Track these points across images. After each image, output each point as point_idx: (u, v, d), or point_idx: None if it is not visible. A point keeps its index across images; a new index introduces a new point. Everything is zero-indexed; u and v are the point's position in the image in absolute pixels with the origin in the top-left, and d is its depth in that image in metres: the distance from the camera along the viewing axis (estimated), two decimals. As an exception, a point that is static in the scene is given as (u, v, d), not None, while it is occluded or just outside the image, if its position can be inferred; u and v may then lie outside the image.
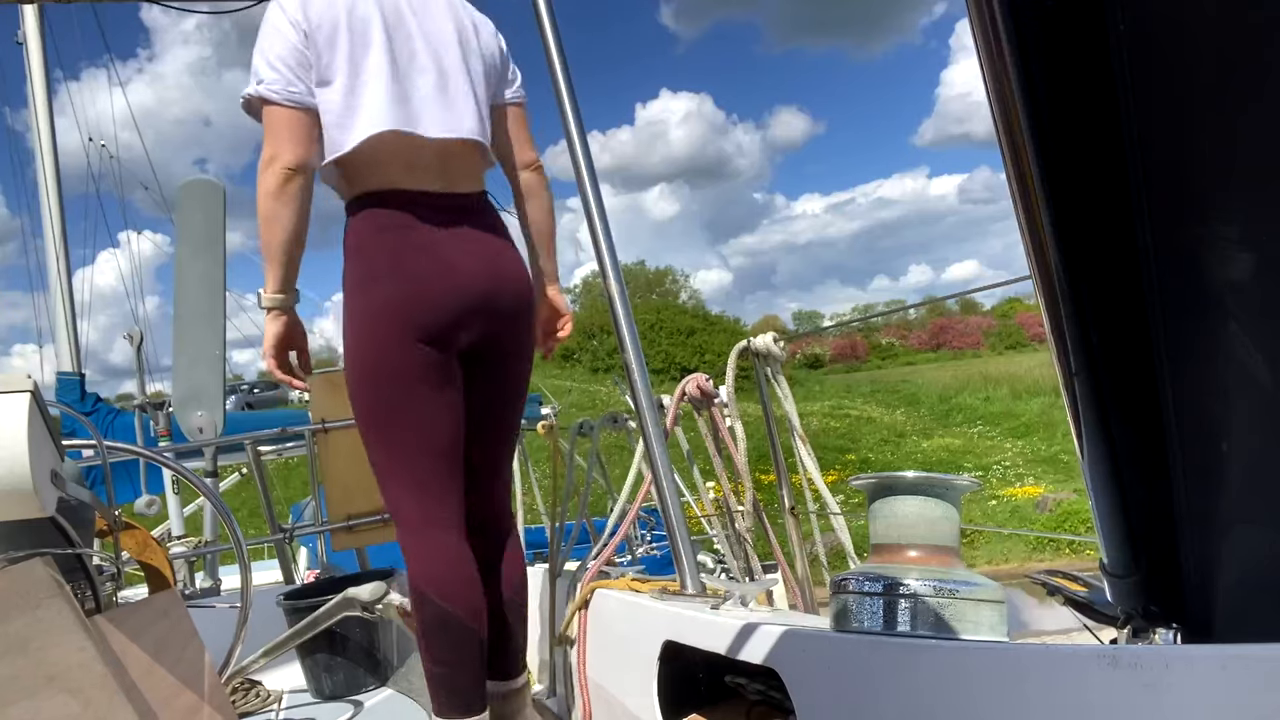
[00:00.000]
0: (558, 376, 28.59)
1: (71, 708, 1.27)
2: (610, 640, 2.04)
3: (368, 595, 2.40)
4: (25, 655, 1.27)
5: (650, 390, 1.99)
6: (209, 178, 4.76)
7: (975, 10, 0.67)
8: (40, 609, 1.30)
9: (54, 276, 6.61)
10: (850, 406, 26.76)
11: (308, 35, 1.67)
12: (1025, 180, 0.71)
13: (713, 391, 2.32)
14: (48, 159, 6.66)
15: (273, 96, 1.65)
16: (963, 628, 1.04)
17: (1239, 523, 0.69)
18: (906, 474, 1.13)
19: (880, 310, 47.83)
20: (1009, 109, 0.69)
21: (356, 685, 2.77)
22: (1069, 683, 0.70)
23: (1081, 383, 0.75)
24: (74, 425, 5.38)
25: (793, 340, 28.06)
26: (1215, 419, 0.68)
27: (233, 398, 24.65)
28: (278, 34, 1.67)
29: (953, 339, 38.55)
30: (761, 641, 1.31)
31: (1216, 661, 0.59)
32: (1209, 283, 0.65)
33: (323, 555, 5.27)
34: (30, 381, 1.36)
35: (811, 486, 2.28)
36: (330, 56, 1.68)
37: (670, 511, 1.95)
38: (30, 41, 6.90)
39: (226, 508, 2.58)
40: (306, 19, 1.67)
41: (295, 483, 14.27)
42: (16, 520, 1.44)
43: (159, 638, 1.64)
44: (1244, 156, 0.62)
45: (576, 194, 2.00)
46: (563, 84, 2.00)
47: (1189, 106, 0.63)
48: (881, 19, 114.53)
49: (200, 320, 4.58)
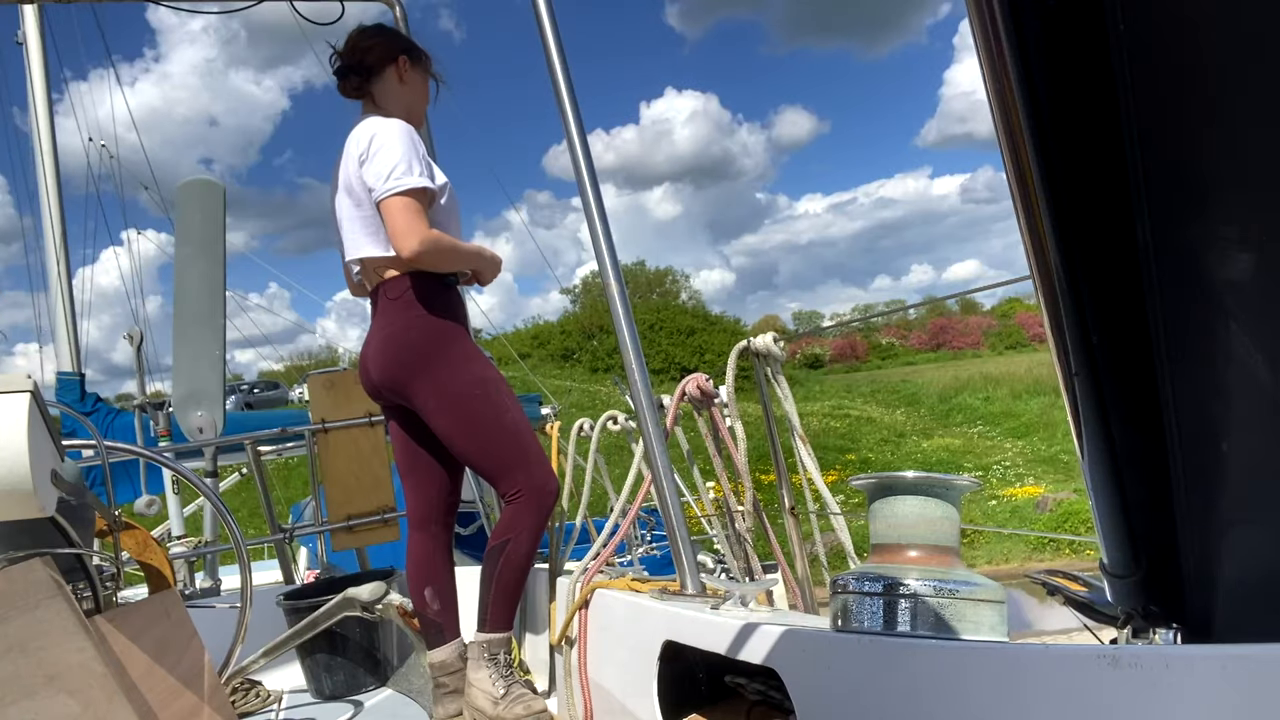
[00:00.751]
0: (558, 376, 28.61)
1: (71, 708, 1.27)
2: (610, 640, 2.04)
3: (368, 595, 2.40)
4: (25, 655, 1.27)
5: (650, 390, 1.99)
6: (208, 177, 4.75)
7: (975, 10, 0.67)
8: (40, 609, 1.30)
9: (53, 276, 6.61)
10: (850, 406, 26.77)
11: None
12: (1025, 180, 0.71)
13: (712, 391, 2.32)
14: (48, 159, 6.66)
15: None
16: (963, 628, 1.04)
17: (1239, 523, 0.69)
18: (906, 474, 1.13)
19: (880, 310, 47.87)
20: (1009, 109, 0.69)
21: (356, 685, 2.77)
22: (1069, 683, 0.70)
23: (1081, 383, 0.75)
24: (74, 425, 5.38)
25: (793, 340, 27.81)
26: (1215, 419, 0.68)
27: (233, 398, 24.65)
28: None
29: (953, 339, 38.56)
30: (761, 641, 1.31)
31: (1216, 661, 0.59)
32: (1209, 283, 0.65)
33: (323, 555, 5.28)
34: (30, 381, 1.36)
35: (811, 486, 2.28)
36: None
37: (670, 511, 1.95)
38: (30, 41, 6.90)
39: (226, 508, 2.58)
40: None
41: (295, 483, 14.28)
42: (16, 520, 1.44)
43: (159, 638, 1.64)
44: (1244, 156, 0.62)
45: (577, 194, 2.00)
46: (563, 84, 2.00)
47: (1189, 106, 0.63)
48: (888, 19, 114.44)
49: (200, 320, 4.58)
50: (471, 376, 2.23)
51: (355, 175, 2.24)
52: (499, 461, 2.20)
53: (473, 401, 2.21)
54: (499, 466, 2.20)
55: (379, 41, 2.41)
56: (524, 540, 2.16)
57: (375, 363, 2.29)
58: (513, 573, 2.17)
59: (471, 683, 2.17)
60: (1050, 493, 17.30)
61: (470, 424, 2.21)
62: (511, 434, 2.21)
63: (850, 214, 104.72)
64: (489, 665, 2.15)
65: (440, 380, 2.22)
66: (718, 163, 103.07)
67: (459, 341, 2.27)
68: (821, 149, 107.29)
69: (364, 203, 2.25)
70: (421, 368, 2.22)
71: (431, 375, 2.22)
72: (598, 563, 2.33)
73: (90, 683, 1.29)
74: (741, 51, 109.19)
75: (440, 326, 2.24)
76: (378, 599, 2.41)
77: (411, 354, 2.23)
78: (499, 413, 2.22)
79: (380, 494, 3.44)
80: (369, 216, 2.25)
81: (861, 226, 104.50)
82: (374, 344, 2.30)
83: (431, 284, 2.25)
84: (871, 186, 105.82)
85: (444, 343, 2.24)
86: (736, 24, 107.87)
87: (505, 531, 2.17)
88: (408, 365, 2.23)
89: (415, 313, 2.24)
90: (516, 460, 2.19)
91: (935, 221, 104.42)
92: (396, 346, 2.24)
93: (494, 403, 2.22)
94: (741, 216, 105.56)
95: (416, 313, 2.23)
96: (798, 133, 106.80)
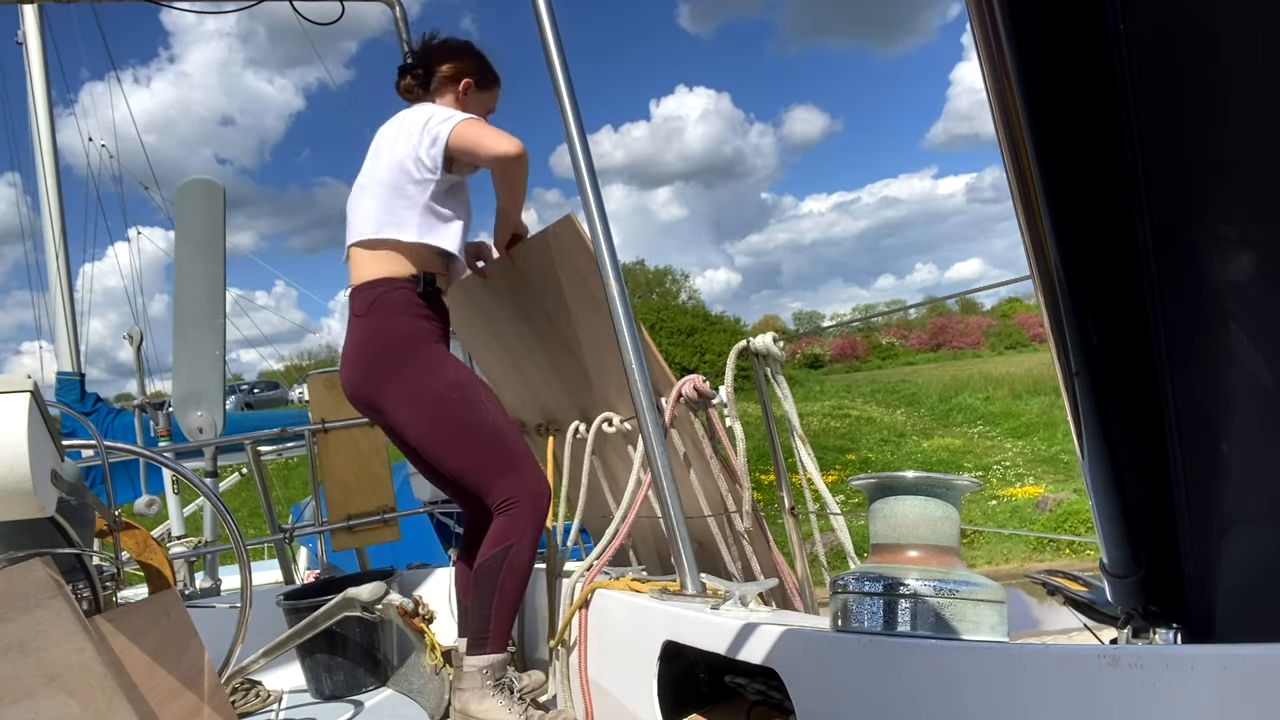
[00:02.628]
0: (558, 376, 28.48)
1: (71, 708, 1.26)
2: (610, 640, 2.04)
3: (368, 595, 2.40)
4: (25, 655, 1.27)
5: (650, 390, 1.99)
6: (208, 177, 4.75)
7: (975, 10, 0.67)
8: (40, 609, 1.30)
9: (54, 276, 6.61)
10: (850, 406, 26.74)
11: None
12: (1025, 180, 0.71)
13: (709, 392, 2.32)
14: (48, 159, 6.66)
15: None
16: (963, 628, 1.04)
17: (1239, 523, 0.69)
18: (906, 474, 1.13)
19: (880, 310, 47.86)
20: (1009, 109, 0.69)
21: (356, 685, 2.77)
22: (1069, 683, 0.70)
23: (1081, 383, 0.75)
24: (74, 425, 5.38)
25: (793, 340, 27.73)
26: (1215, 419, 0.68)
27: (233, 398, 24.64)
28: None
29: (953, 339, 38.53)
30: (761, 641, 1.31)
31: (1216, 661, 0.59)
32: (1209, 282, 0.65)
33: (323, 555, 5.27)
34: (30, 381, 1.36)
35: (811, 486, 2.28)
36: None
37: (670, 512, 1.94)
38: (30, 41, 6.90)
39: (226, 508, 2.58)
40: None
41: (295, 483, 14.27)
42: (16, 520, 1.44)
43: (159, 638, 1.64)
44: (1244, 156, 0.62)
45: (577, 194, 2.00)
46: (563, 84, 2.00)
47: (1189, 106, 0.63)
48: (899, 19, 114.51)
49: (200, 320, 4.58)
50: (441, 382, 2.13)
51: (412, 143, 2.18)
52: (485, 469, 2.10)
53: (448, 407, 2.11)
54: (486, 474, 2.10)
55: (453, 60, 2.39)
56: (525, 547, 2.07)
57: (346, 376, 2.24)
58: (517, 583, 2.07)
59: (475, 715, 2.02)
60: (1050, 493, 17.27)
61: (447, 432, 2.12)
62: (494, 438, 2.12)
63: (855, 213, 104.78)
64: (496, 693, 2.03)
65: (408, 389, 2.14)
66: (729, 162, 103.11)
67: (424, 347, 2.16)
68: (834, 147, 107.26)
69: (395, 172, 2.19)
70: (386, 380, 2.15)
71: (398, 386, 2.14)
72: (599, 563, 2.32)
73: (90, 683, 1.29)
74: (752, 49, 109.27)
75: (401, 334, 2.15)
76: (378, 599, 2.41)
77: (375, 367, 2.17)
78: (479, 416, 2.12)
79: (380, 494, 3.44)
80: (393, 188, 2.19)
81: (866, 226, 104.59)
82: (345, 354, 2.25)
83: (396, 292, 2.16)
84: (876, 186, 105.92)
85: (406, 350, 2.15)
86: (748, 22, 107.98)
87: (504, 539, 2.06)
88: (373, 379, 2.17)
89: (376, 322, 2.17)
90: (504, 465, 2.10)
91: (939, 220, 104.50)
92: (364, 360, 2.19)
93: (471, 406, 2.12)
94: (747, 216, 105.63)
95: (377, 322, 2.17)
96: (810, 130, 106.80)
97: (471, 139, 2.16)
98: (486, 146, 2.15)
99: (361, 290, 2.21)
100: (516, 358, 2.90)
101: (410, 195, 2.20)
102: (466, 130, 2.16)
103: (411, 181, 2.19)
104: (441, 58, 2.40)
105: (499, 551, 2.06)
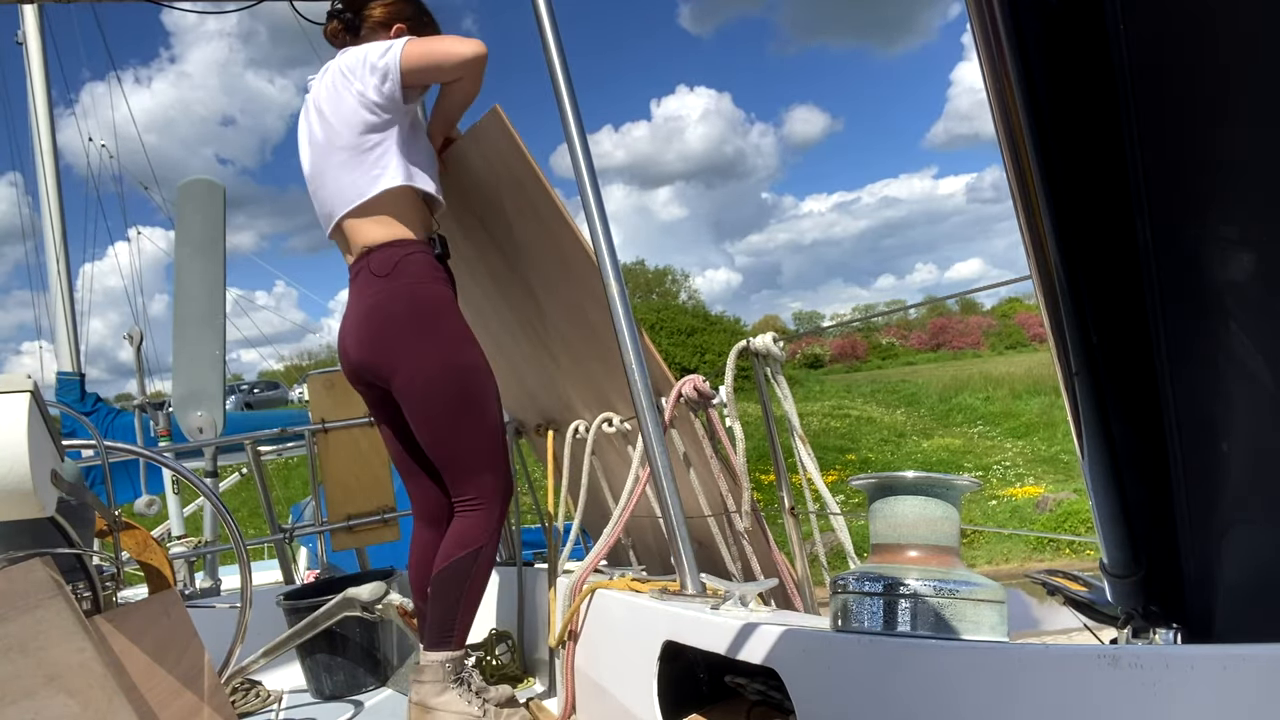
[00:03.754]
0: (558, 376, 28.48)
1: (71, 708, 1.26)
2: (610, 640, 2.04)
3: (368, 595, 2.40)
4: (25, 655, 1.27)
5: (650, 390, 1.98)
6: (208, 177, 4.75)
7: (975, 10, 0.67)
8: (40, 609, 1.30)
9: (53, 276, 6.61)
10: (850, 406, 26.75)
11: None
12: (1025, 180, 0.71)
13: (709, 393, 2.32)
14: (48, 159, 6.66)
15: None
16: (963, 628, 1.04)
17: (1239, 523, 0.69)
18: (906, 474, 1.12)
19: (880, 310, 47.87)
20: (1009, 109, 0.69)
21: (356, 685, 2.77)
22: (1069, 683, 0.70)
23: (1081, 383, 0.75)
24: (74, 425, 5.38)
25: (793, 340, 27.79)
26: (1215, 419, 0.68)
27: (233, 398, 24.65)
28: None
29: (953, 339, 38.54)
30: (761, 641, 1.31)
31: (1216, 661, 0.59)
32: (1209, 283, 0.65)
33: (323, 555, 5.27)
34: (30, 381, 1.36)
35: (811, 486, 2.28)
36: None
37: (670, 511, 1.94)
38: (30, 41, 6.90)
39: (226, 508, 2.58)
40: None
41: (295, 483, 14.27)
42: (16, 520, 1.44)
43: (159, 638, 1.64)
44: (1244, 156, 0.62)
45: (577, 194, 2.00)
46: (563, 83, 1.99)
47: (1189, 106, 0.63)
48: (899, 19, 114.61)
49: (200, 320, 4.58)
50: (462, 361, 2.04)
51: (356, 89, 2.03)
52: (474, 460, 2.05)
53: (466, 387, 2.02)
54: (473, 465, 2.05)
55: (385, 1, 2.22)
56: (493, 547, 2.06)
57: (353, 338, 2.07)
58: (484, 582, 2.06)
59: (434, 707, 1.99)
60: (1050, 493, 17.28)
61: (456, 412, 2.02)
62: (490, 434, 2.07)
63: (855, 213, 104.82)
64: (455, 687, 2.01)
65: (425, 355, 2.00)
66: (730, 162, 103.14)
67: (451, 318, 2.05)
68: (834, 147, 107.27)
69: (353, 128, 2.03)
70: (405, 341, 2.00)
71: (416, 350, 2.00)
72: (595, 560, 2.32)
73: (90, 683, 1.29)
74: (753, 49, 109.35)
75: (428, 298, 2.02)
76: (378, 599, 2.41)
77: (395, 326, 2.01)
78: (485, 406, 2.06)
79: (380, 494, 3.44)
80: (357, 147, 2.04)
81: (866, 226, 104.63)
82: (353, 318, 2.07)
83: (418, 254, 2.04)
84: (877, 186, 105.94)
85: (434, 316, 2.02)
86: (749, 22, 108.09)
87: (476, 539, 2.04)
88: (389, 339, 2.01)
89: (403, 281, 2.01)
90: (491, 464, 2.06)
91: (939, 220, 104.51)
92: (382, 318, 2.02)
93: (487, 395, 2.07)
94: (747, 216, 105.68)
95: (402, 284, 2.01)
96: (811, 130, 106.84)
97: (430, 56, 2.01)
98: (452, 55, 2.00)
99: (379, 252, 2.04)
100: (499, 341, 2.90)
101: (379, 145, 2.05)
102: (416, 50, 2.01)
103: (374, 130, 2.05)
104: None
105: (471, 552, 2.04)
